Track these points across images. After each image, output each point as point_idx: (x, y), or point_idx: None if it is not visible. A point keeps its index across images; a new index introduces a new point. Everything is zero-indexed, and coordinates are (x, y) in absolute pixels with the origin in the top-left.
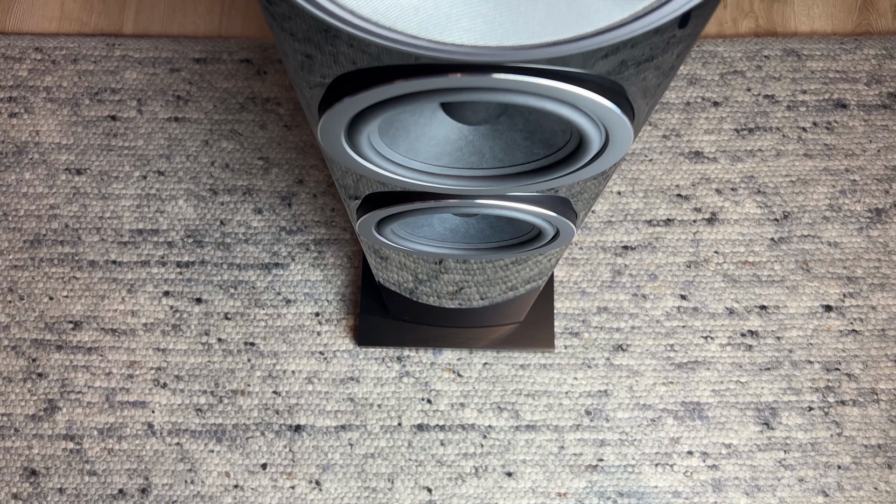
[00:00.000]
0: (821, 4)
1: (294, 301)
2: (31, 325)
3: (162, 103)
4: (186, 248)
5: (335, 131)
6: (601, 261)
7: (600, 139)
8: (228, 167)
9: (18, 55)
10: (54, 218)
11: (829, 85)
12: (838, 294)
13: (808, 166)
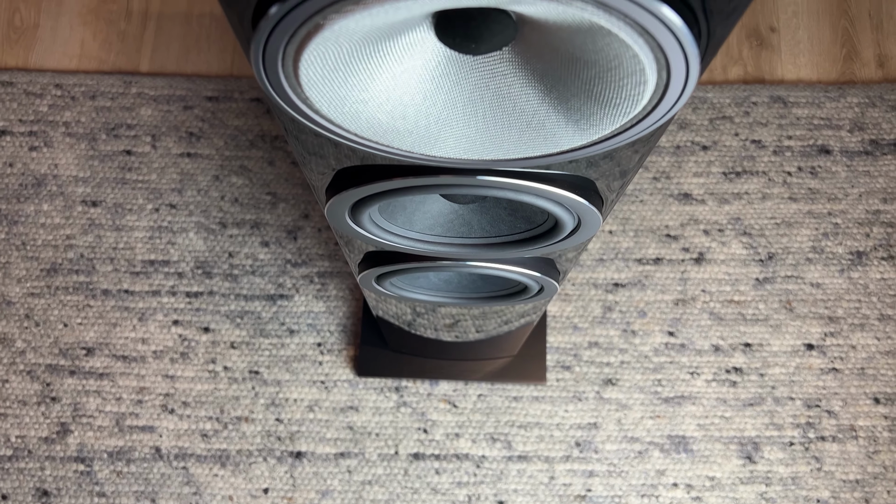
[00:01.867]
0: (806, 53)
1: (297, 331)
2: (45, 351)
3: (175, 139)
4: (196, 278)
5: (340, 211)
6: (593, 297)
7: (573, 222)
8: (237, 201)
9: (39, 91)
10: (70, 248)
11: (814, 131)
12: (820, 333)
13: (793, 209)
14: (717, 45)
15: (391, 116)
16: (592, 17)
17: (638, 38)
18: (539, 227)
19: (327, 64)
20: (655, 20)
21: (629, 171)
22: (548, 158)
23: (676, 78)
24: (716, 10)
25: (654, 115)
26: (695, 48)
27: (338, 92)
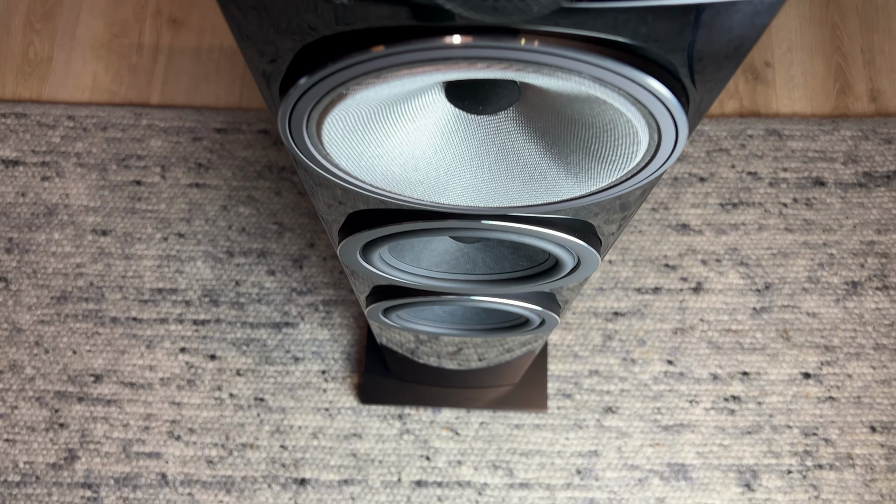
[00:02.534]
0: (801, 88)
1: (302, 359)
2: (55, 378)
3: (184, 170)
4: (203, 306)
5: (352, 251)
6: (593, 326)
7: (573, 261)
8: (244, 231)
9: (52, 123)
10: (80, 276)
11: (809, 164)
12: (816, 362)
13: (789, 240)
14: (705, 109)
15: (404, 168)
16: (589, 89)
17: (630, 107)
18: (540, 265)
19: (347, 125)
20: (646, 92)
21: (625, 216)
22: (549, 206)
23: (667, 139)
24: (701, 81)
25: (647, 171)
26: (682, 115)
27: (356, 148)
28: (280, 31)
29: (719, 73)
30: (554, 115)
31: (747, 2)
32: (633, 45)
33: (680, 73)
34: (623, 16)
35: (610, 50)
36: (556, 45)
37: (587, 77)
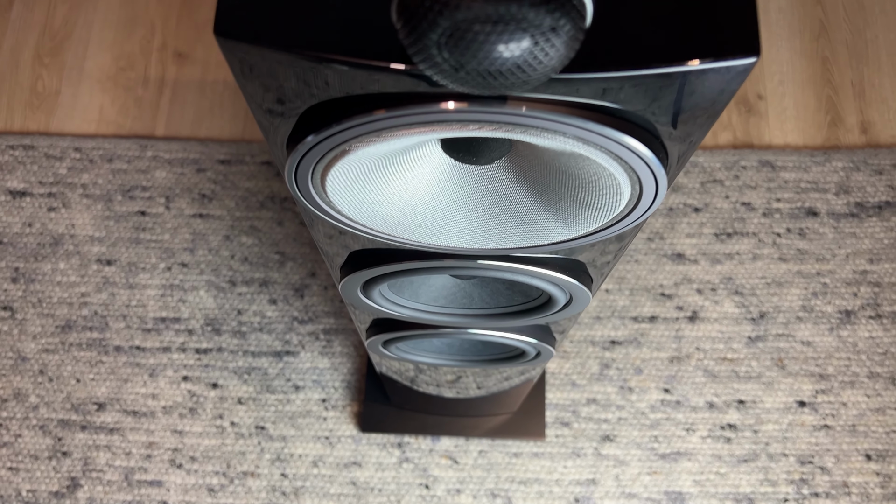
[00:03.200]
0: (793, 120)
1: (303, 387)
2: (58, 406)
3: (188, 200)
4: (205, 335)
5: (353, 287)
6: (590, 354)
7: (565, 298)
8: (247, 260)
9: (59, 154)
10: (85, 305)
11: (801, 194)
12: (811, 390)
13: (783, 269)
14: (685, 160)
15: (403, 213)
16: (573, 148)
17: (612, 162)
18: (534, 300)
19: (350, 176)
20: (626, 150)
21: (614, 255)
22: (540, 248)
23: (648, 190)
24: (677, 139)
25: (631, 217)
26: (661, 169)
27: (358, 196)
28: (288, 97)
29: (695, 130)
30: (543, 165)
31: (718, 70)
32: (614, 108)
33: (658, 132)
34: (603, 84)
35: (592, 113)
36: (542, 109)
37: (571, 137)
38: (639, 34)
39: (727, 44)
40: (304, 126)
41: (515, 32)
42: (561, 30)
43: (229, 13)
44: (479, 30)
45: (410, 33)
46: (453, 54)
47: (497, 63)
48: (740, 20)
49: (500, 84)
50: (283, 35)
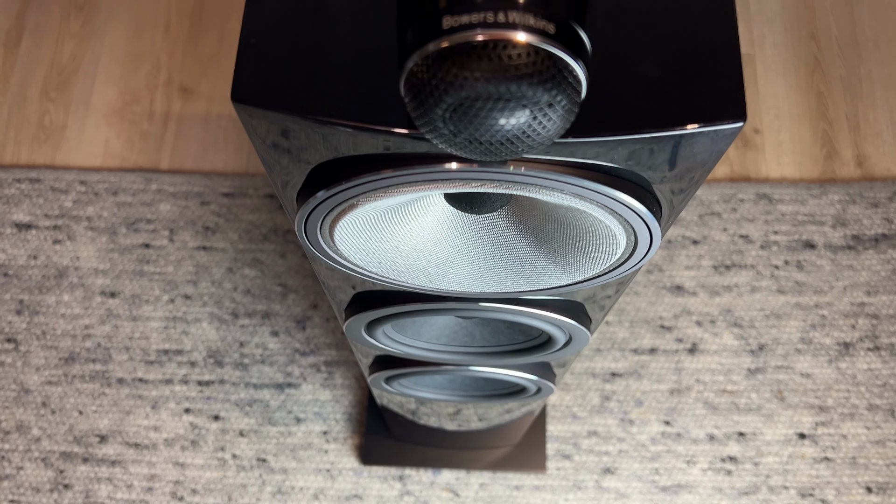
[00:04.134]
0: (789, 153)
1: (304, 420)
2: (60, 438)
3: (192, 233)
4: (207, 367)
5: (357, 327)
6: (591, 386)
7: (565, 338)
8: (250, 292)
9: (65, 187)
10: (88, 337)
11: (799, 227)
12: (811, 423)
13: (781, 301)
14: (678, 213)
15: (407, 259)
16: (570, 203)
17: (608, 216)
18: (535, 339)
19: (357, 226)
20: (621, 205)
21: (612, 298)
22: (539, 292)
23: (643, 241)
24: (670, 194)
25: (628, 264)
26: (655, 221)
27: (364, 244)
28: (301, 155)
29: (687, 185)
30: (542, 215)
31: (706, 134)
32: (608, 167)
33: (652, 187)
34: (598, 147)
35: (587, 172)
36: (540, 169)
37: (568, 193)
38: (633, 101)
39: (715, 110)
40: (314, 181)
41: (515, 108)
42: (557, 105)
43: (246, 81)
44: (481, 105)
45: (418, 107)
46: (457, 126)
47: (498, 134)
48: (727, 87)
49: (501, 152)
50: (298, 101)
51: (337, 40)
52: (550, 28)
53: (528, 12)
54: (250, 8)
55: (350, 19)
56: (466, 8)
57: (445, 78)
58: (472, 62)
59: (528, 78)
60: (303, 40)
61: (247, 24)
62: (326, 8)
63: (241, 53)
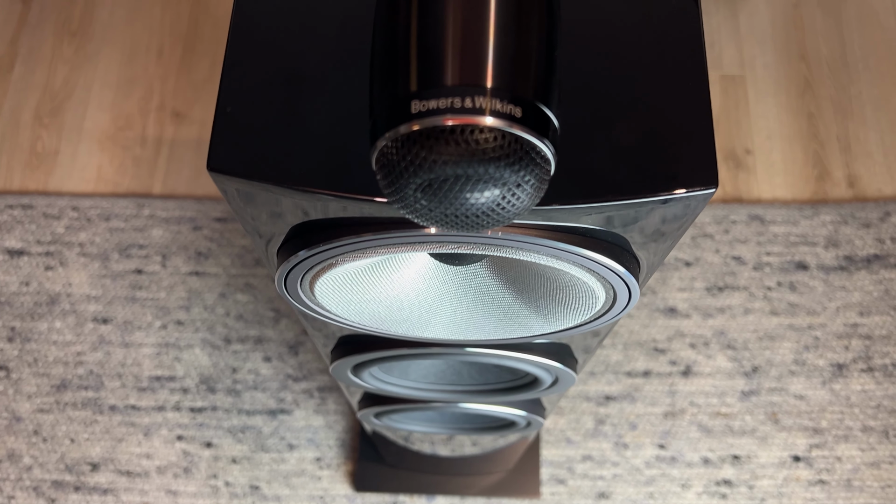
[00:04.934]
0: (781, 174)
1: (297, 446)
2: (52, 467)
3: (184, 258)
4: (200, 394)
5: (343, 370)
6: (585, 410)
7: (551, 378)
8: (242, 318)
9: (57, 213)
10: (80, 364)
11: (791, 248)
12: (806, 445)
13: (774, 323)
14: (657, 267)
15: (389, 310)
16: (548, 263)
17: (585, 273)
18: (522, 378)
19: (338, 282)
20: (597, 264)
21: (596, 340)
22: (522, 338)
23: (622, 295)
24: (647, 252)
25: (607, 316)
26: (633, 279)
27: (345, 297)
28: (278, 220)
29: (664, 243)
30: (522, 267)
31: (681, 199)
32: (585, 228)
33: (630, 246)
34: (573, 212)
35: (563, 235)
36: (516, 233)
37: (545, 255)
38: (607, 168)
39: (688, 176)
40: (293, 239)
41: (485, 187)
42: (526, 184)
43: (221, 150)
44: (452, 184)
45: (389, 185)
46: (429, 202)
47: (469, 210)
48: (700, 154)
49: (472, 225)
50: (274, 170)
51: (312, 108)
52: (517, 112)
53: (495, 97)
54: (227, 76)
55: (325, 88)
56: (435, 93)
57: (415, 160)
58: (441, 146)
59: (496, 161)
60: (279, 108)
61: (223, 93)
62: (301, 77)
63: (217, 122)
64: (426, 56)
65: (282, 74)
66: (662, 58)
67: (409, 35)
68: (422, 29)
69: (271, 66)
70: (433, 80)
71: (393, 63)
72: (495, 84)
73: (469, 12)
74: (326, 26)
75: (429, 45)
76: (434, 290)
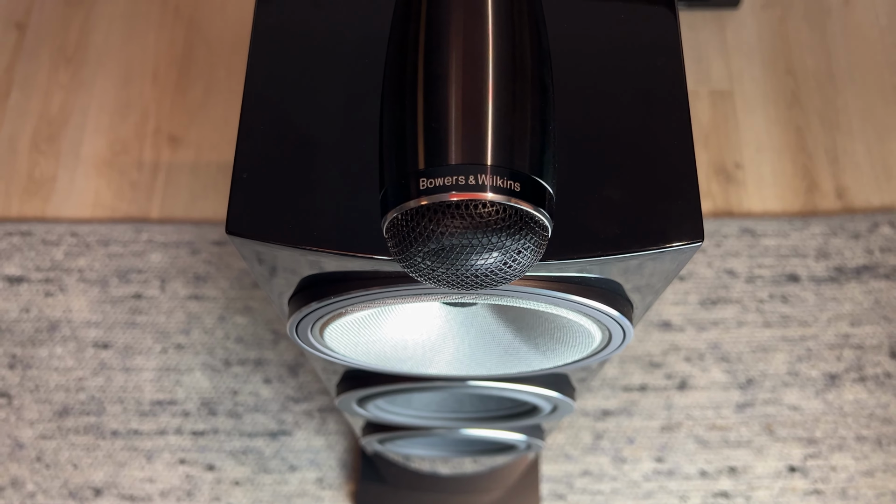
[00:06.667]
0: (771, 187)
1: (299, 467)
2: (55, 493)
3: (183, 282)
4: (201, 417)
5: (349, 402)
6: (583, 425)
7: (550, 407)
8: (241, 340)
9: (56, 240)
10: (81, 390)
11: (782, 260)
12: (801, 455)
13: (767, 335)
14: (647, 309)
15: (395, 349)
16: (546, 309)
17: (582, 317)
18: (522, 406)
19: (346, 328)
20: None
21: (594, 372)
22: (522, 373)
23: (616, 335)
24: (639, 297)
25: (604, 353)
26: (626, 321)
27: (352, 340)
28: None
29: (656, 288)
30: (521, 309)
31: (669, 252)
32: (581, 277)
33: (623, 290)
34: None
35: (560, 284)
36: (515, 283)
37: (543, 302)
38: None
39: (676, 231)
40: (305, 290)
41: (489, 254)
42: (525, 249)
43: (239, 214)
44: (458, 252)
45: (400, 252)
46: (436, 267)
47: (472, 273)
48: (686, 210)
49: (476, 286)
50: (288, 232)
51: (322, 173)
52: (516, 187)
53: (495, 174)
54: (242, 144)
55: (333, 153)
56: (440, 171)
57: (423, 231)
58: (447, 219)
59: (498, 231)
60: (291, 174)
61: (239, 160)
62: (311, 143)
63: (234, 188)
64: (432, 137)
65: (293, 141)
66: (649, 117)
67: (416, 117)
68: (427, 112)
69: (283, 134)
70: (439, 158)
71: (402, 142)
72: (495, 162)
73: (470, 97)
74: (334, 95)
75: (434, 126)
76: (437, 331)
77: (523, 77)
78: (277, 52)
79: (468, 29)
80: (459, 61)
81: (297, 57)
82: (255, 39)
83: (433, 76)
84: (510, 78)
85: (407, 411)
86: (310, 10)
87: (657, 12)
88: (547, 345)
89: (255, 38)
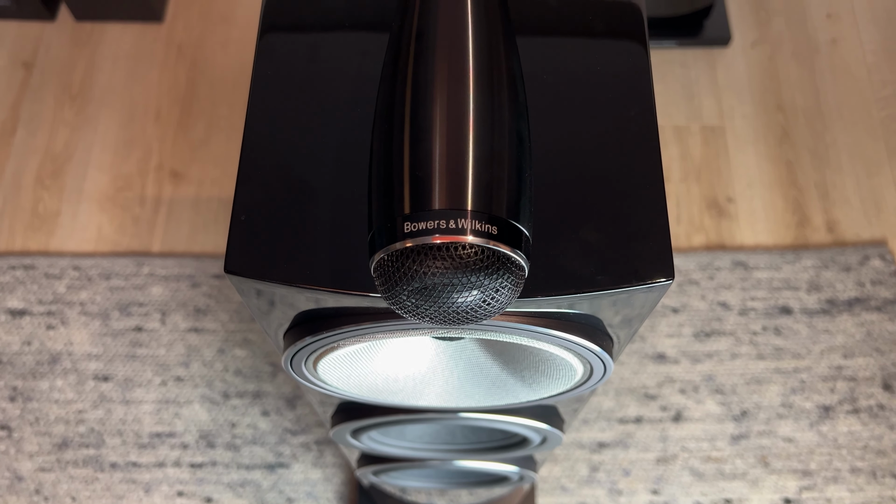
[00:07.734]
0: (762, 221)
1: (296, 500)
2: None
3: (183, 315)
4: (199, 449)
5: (344, 434)
6: (579, 457)
7: (540, 438)
8: (240, 373)
9: (58, 273)
10: (81, 422)
11: (775, 292)
12: (796, 487)
13: (761, 367)
14: (627, 343)
15: (386, 381)
16: (528, 343)
17: (563, 351)
18: (513, 437)
19: (339, 361)
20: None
21: (581, 405)
22: (509, 405)
23: (597, 369)
24: (618, 331)
25: (587, 385)
26: (606, 354)
27: (345, 373)
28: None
29: (631, 325)
30: (506, 343)
31: (641, 290)
32: (560, 313)
33: (603, 325)
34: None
35: (541, 319)
36: (498, 319)
37: (525, 337)
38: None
39: (647, 270)
40: (300, 325)
41: (469, 292)
42: (503, 288)
43: (237, 254)
44: (440, 290)
45: (386, 290)
46: (419, 304)
47: (454, 310)
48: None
49: (458, 322)
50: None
51: (316, 215)
52: (494, 230)
53: (474, 218)
54: (241, 186)
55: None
56: (424, 216)
57: (408, 272)
58: (430, 260)
59: (477, 271)
60: (286, 215)
61: (238, 204)
62: (306, 188)
63: (233, 229)
64: (417, 185)
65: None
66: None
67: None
68: (413, 162)
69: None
70: (422, 204)
71: (389, 189)
72: (474, 207)
73: (452, 148)
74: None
75: (419, 175)
76: (426, 364)
77: (501, 130)
78: (275, 102)
79: (451, 87)
80: (443, 116)
81: (292, 106)
82: (254, 89)
83: (418, 129)
84: (489, 131)
85: (400, 443)
86: (305, 64)
87: (631, 59)
88: (532, 377)
89: (253, 88)
